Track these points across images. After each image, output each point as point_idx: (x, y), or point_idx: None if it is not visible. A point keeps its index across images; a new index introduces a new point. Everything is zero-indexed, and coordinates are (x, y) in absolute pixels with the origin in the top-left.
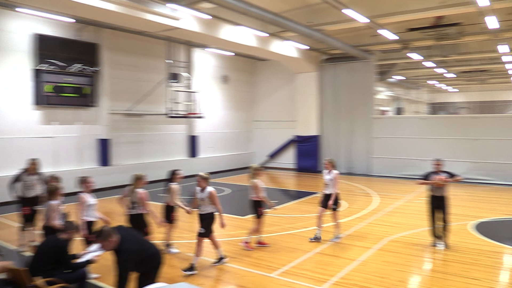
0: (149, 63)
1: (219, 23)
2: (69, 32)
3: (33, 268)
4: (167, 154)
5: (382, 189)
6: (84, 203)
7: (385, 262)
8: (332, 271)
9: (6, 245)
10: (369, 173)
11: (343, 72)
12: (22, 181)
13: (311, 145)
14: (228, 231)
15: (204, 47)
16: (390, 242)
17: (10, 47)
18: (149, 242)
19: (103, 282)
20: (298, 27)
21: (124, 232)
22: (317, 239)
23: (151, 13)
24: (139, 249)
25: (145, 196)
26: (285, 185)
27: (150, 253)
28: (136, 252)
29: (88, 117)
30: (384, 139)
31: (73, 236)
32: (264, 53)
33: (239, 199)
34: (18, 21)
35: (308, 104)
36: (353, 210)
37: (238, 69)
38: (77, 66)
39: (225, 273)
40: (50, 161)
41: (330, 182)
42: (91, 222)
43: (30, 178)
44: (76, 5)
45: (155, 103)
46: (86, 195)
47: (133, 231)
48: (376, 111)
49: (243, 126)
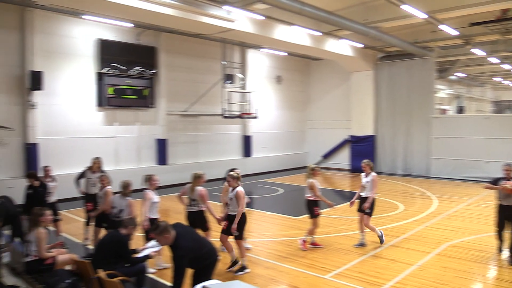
0: (204, 64)
1: (273, 23)
2: (129, 37)
3: (95, 261)
4: (222, 154)
5: (442, 192)
6: (149, 200)
7: (445, 268)
8: (387, 275)
9: (72, 238)
10: (427, 175)
11: (400, 70)
12: (86, 178)
13: (366, 145)
14: (281, 231)
15: (258, 47)
16: (450, 247)
17: (76, 52)
18: (205, 240)
19: (160, 277)
20: (353, 25)
21: (181, 229)
22: (362, 245)
23: (207, 16)
24: (194, 246)
25: (205, 194)
26: (339, 186)
27: (206, 251)
28: (191, 249)
29: (147, 118)
30: (444, 139)
31: (133, 232)
32: (319, 52)
33: (292, 199)
34: (83, 27)
35: (364, 104)
36: (410, 212)
37: (292, 69)
38: (136, 69)
39: (278, 273)
40: (111, 160)
41: (367, 184)
42: (153, 219)
43: (93, 175)
44: (136, 11)
45: (210, 104)
46: (151, 193)
47: (190, 229)
48: (436, 110)
49: (297, 126)
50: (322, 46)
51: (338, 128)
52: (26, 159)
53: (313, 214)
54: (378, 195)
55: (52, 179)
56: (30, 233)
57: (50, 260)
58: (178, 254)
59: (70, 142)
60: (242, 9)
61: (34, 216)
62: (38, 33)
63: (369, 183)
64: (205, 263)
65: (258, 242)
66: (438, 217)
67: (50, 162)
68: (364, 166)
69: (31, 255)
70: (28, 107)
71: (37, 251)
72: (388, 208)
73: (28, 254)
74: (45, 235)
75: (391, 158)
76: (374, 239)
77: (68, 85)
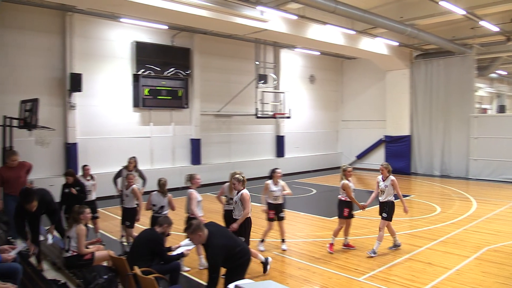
0: (237, 65)
1: (306, 22)
2: (164, 39)
3: (131, 258)
4: (255, 154)
5: (481, 194)
6: (195, 199)
7: (484, 273)
8: (424, 279)
9: (109, 235)
10: (466, 176)
11: (438, 68)
12: (122, 177)
13: (402, 145)
14: (314, 232)
15: (291, 47)
16: (490, 251)
17: (113, 54)
18: (238, 239)
19: (199, 276)
20: (389, 23)
21: (214, 228)
22: (396, 246)
23: (241, 17)
24: (227, 245)
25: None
26: (373, 186)
27: (239, 250)
28: (224, 248)
29: (181, 118)
30: (484, 139)
31: (168, 230)
32: (353, 51)
33: (325, 200)
34: (120, 30)
35: (399, 103)
36: (448, 215)
37: (325, 68)
38: (171, 70)
39: (311, 274)
40: (147, 159)
41: (386, 189)
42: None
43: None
44: (171, 13)
45: (244, 104)
46: (195, 192)
47: (223, 228)
48: (476, 109)
49: (330, 126)
50: (356, 45)
51: (373, 128)
52: (66, 158)
53: (342, 215)
54: (414, 196)
55: (91, 178)
56: (70, 230)
57: (89, 256)
58: (212, 252)
59: (107, 142)
60: (275, 9)
61: (75, 213)
62: (77, 36)
63: (387, 187)
64: (238, 262)
65: (291, 242)
66: (477, 220)
67: (88, 161)
68: (382, 169)
69: (71, 250)
70: (68, 108)
71: (77, 247)
72: (425, 210)
73: (68, 250)
74: (85, 232)
75: (428, 159)
76: (409, 241)
77: (105, 87)
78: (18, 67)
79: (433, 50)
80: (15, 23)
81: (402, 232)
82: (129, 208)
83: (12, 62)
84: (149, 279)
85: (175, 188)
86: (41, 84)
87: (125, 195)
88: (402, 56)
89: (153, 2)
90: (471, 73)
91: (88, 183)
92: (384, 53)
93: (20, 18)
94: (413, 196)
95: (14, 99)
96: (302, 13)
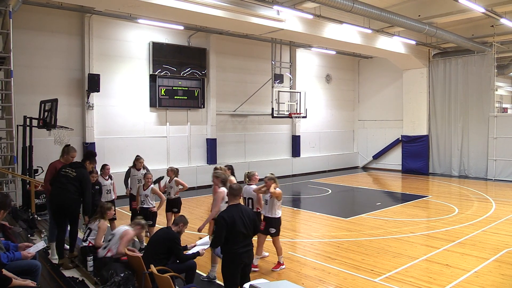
0: (253, 64)
1: (323, 22)
2: (180, 39)
3: (147, 257)
4: (270, 154)
5: (501, 195)
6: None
7: (504, 276)
8: (441, 281)
9: None
10: (485, 177)
11: (456, 67)
12: (130, 176)
13: (419, 145)
14: (330, 232)
15: (307, 46)
16: (509, 253)
17: (130, 55)
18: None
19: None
20: (406, 21)
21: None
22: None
23: (257, 17)
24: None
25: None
26: (390, 187)
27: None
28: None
29: (197, 118)
30: (504, 139)
31: (183, 230)
32: (369, 50)
33: (340, 200)
34: (137, 31)
35: (417, 102)
36: (466, 216)
37: (341, 67)
38: (187, 70)
39: (326, 274)
40: (163, 159)
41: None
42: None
43: (138, 173)
44: (188, 14)
45: (259, 104)
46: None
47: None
48: (496, 108)
49: (347, 126)
50: (373, 44)
51: (389, 128)
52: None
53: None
54: (431, 197)
55: (110, 178)
56: (93, 223)
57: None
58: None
59: (124, 141)
60: (292, 8)
61: (103, 208)
62: (95, 37)
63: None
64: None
65: (306, 242)
66: (496, 221)
67: (105, 161)
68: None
69: (88, 241)
70: (86, 108)
71: (95, 239)
72: (442, 211)
73: (86, 240)
74: (106, 227)
75: (446, 159)
76: (426, 242)
77: (122, 87)
78: (37, 68)
79: (452, 49)
80: (35, 24)
81: (419, 233)
82: (148, 207)
83: (31, 63)
84: (165, 278)
85: (191, 188)
86: (60, 85)
87: (145, 195)
88: (420, 55)
89: (169, 3)
90: (491, 72)
91: (107, 182)
92: (402, 52)
93: (40, 19)
94: (430, 197)
95: (33, 99)
96: (318, 12)
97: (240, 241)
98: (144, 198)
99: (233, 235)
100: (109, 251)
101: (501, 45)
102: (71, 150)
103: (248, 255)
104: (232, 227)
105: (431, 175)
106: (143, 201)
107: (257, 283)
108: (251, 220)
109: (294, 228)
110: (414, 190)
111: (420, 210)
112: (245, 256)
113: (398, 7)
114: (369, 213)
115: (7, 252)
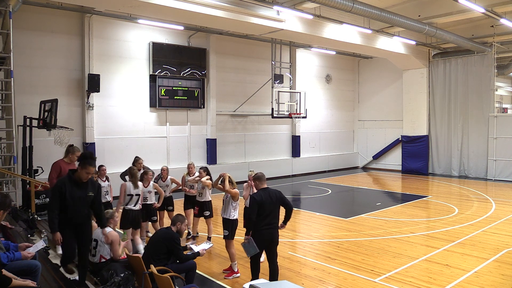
0: (253, 65)
1: (323, 22)
2: (180, 40)
3: (147, 257)
4: (270, 154)
5: (501, 195)
6: None
7: (503, 276)
8: (441, 281)
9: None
10: (485, 177)
11: (456, 67)
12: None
13: (419, 145)
14: (330, 232)
15: (307, 47)
16: (509, 253)
17: (130, 55)
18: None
19: (209, 275)
20: (406, 21)
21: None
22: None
23: (257, 17)
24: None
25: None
26: (390, 187)
27: None
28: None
29: (197, 118)
30: (504, 139)
31: (183, 228)
32: (369, 50)
33: (340, 200)
34: (137, 31)
35: (417, 103)
36: (466, 216)
37: (341, 67)
38: (187, 70)
39: (326, 274)
40: (163, 159)
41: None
42: None
43: (137, 173)
44: (188, 14)
45: (259, 104)
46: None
47: None
48: (496, 108)
49: (346, 126)
50: (373, 44)
51: (389, 128)
52: None
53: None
54: (431, 197)
55: (106, 179)
56: (94, 232)
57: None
58: None
59: (124, 141)
60: (292, 8)
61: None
62: (95, 38)
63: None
64: None
65: (306, 242)
66: (496, 221)
67: (105, 161)
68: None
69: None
70: (86, 108)
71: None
72: (442, 211)
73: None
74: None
75: (446, 159)
76: (426, 242)
77: (122, 87)
78: (37, 68)
79: (452, 49)
80: (35, 25)
81: (419, 233)
82: (151, 204)
83: (31, 63)
84: (165, 278)
85: None
86: (60, 85)
87: (148, 191)
88: (420, 55)
89: (169, 3)
90: (491, 72)
91: (105, 184)
92: (402, 52)
93: (40, 20)
94: (430, 197)
95: (33, 100)
96: (318, 13)
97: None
98: (147, 195)
99: (262, 214)
100: (102, 258)
101: (501, 45)
102: (76, 150)
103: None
104: (261, 205)
105: (431, 175)
106: (146, 197)
107: (257, 283)
108: (278, 198)
109: (294, 228)
110: (414, 190)
111: (420, 210)
112: (269, 233)
113: (398, 7)
114: (369, 213)
115: (7, 252)
